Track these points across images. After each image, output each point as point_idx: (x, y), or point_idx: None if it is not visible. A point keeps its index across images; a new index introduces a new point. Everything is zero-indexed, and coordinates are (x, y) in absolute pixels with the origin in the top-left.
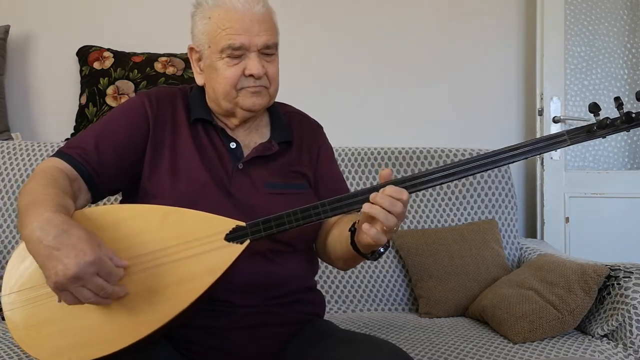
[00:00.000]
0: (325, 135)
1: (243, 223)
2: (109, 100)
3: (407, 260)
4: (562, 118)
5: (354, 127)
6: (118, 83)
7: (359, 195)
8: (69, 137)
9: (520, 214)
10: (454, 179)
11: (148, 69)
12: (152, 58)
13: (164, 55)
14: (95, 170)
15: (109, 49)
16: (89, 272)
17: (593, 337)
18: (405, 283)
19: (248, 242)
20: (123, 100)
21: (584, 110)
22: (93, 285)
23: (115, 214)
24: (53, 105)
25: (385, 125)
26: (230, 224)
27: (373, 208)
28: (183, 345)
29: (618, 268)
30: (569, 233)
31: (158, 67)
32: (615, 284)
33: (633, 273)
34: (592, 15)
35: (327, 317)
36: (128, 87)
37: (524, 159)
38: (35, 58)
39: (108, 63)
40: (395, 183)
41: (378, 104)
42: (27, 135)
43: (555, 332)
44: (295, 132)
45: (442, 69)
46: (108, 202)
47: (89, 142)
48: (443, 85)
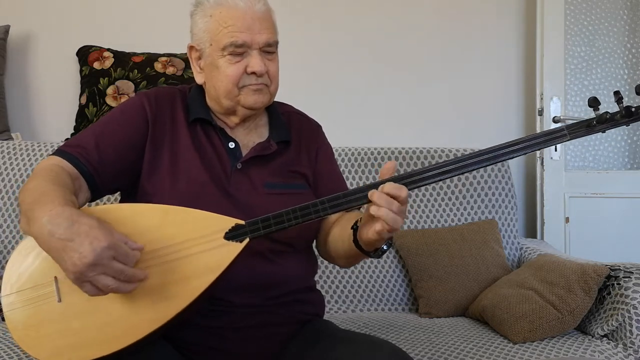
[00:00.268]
0: (325, 135)
1: (242, 221)
2: (109, 100)
3: (407, 260)
4: (562, 118)
5: (354, 127)
6: (118, 83)
7: (358, 193)
8: (69, 137)
9: (520, 214)
10: (456, 174)
11: (148, 69)
12: (152, 58)
13: (164, 55)
14: (96, 170)
15: (109, 49)
16: (106, 256)
17: (593, 337)
18: (405, 283)
19: (247, 240)
20: (123, 100)
21: (584, 110)
22: (112, 270)
23: (115, 213)
24: (53, 105)
25: (385, 125)
26: (230, 223)
27: (380, 210)
28: (183, 345)
29: (618, 268)
30: (569, 233)
31: (158, 67)
32: (615, 284)
33: (633, 273)
34: (592, 15)
35: (327, 317)
36: (128, 87)
37: (524, 154)
38: (35, 58)
39: (108, 63)
40: (395, 180)
41: (378, 104)
42: (27, 135)
43: (555, 332)
44: (294, 131)
45: (442, 69)
46: (108, 201)
47: (89, 141)
48: (443, 85)
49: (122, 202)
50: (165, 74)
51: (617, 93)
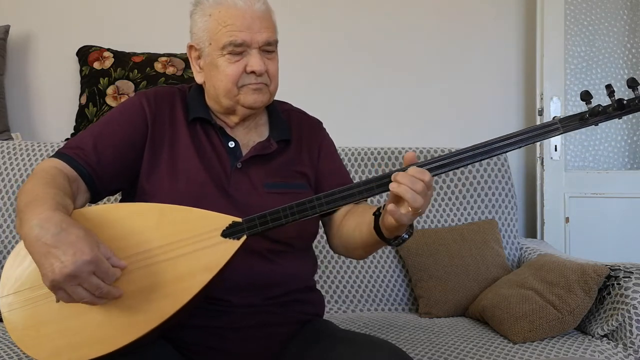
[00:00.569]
0: (326, 131)
1: (239, 219)
2: (109, 100)
3: (407, 260)
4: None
5: (354, 127)
6: (118, 83)
7: (354, 188)
8: (69, 137)
9: (520, 214)
10: (449, 169)
11: (148, 69)
12: (152, 58)
13: (164, 55)
14: (95, 171)
15: (109, 49)
16: (86, 271)
17: (593, 337)
18: (405, 283)
19: (245, 237)
20: (123, 100)
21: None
22: (89, 285)
23: (112, 213)
24: (53, 105)
25: (385, 125)
26: (227, 220)
27: (400, 187)
28: (183, 345)
29: (618, 268)
30: (569, 233)
31: (158, 67)
32: (615, 284)
33: (633, 273)
34: (592, 15)
35: (327, 317)
36: (128, 87)
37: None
38: (35, 58)
39: (108, 63)
40: (419, 165)
41: (378, 104)
42: (27, 135)
43: (555, 332)
44: (295, 130)
45: (442, 69)
46: (108, 201)
47: (88, 142)
48: (443, 85)
49: (122, 202)
50: (165, 74)
51: (609, 86)
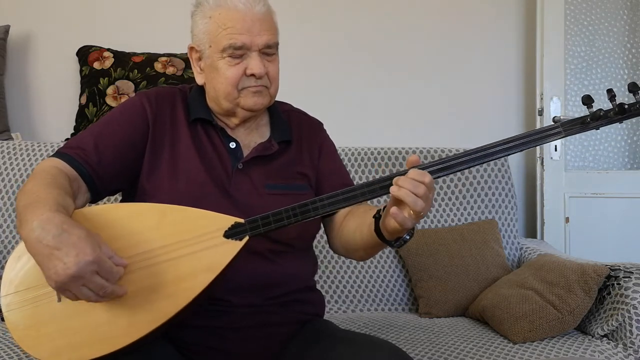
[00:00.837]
0: (326, 132)
1: (242, 220)
2: (109, 100)
3: (407, 260)
4: (562, 118)
5: (354, 127)
6: (118, 83)
7: (356, 190)
8: (69, 137)
9: (520, 214)
10: (449, 173)
11: (148, 69)
12: (152, 58)
13: (164, 55)
14: (95, 171)
15: (109, 49)
16: (89, 271)
17: (593, 337)
18: (405, 283)
19: (247, 238)
20: (123, 100)
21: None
22: (93, 285)
23: (114, 213)
24: (53, 105)
25: (385, 125)
26: (229, 221)
27: (401, 191)
28: (183, 346)
29: (618, 268)
30: (569, 233)
31: (158, 67)
32: (615, 284)
33: (633, 273)
34: (592, 15)
35: (327, 317)
36: (128, 87)
37: (520, 152)
38: (35, 58)
39: (108, 63)
40: (420, 168)
41: (378, 104)
42: (27, 135)
43: (555, 332)
44: (295, 130)
45: (442, 69)
46: (108, 201)
47: (88, 142)
48: (443, 85)
49: (122, 202)
50: (165, 74)
51: (610, 91)
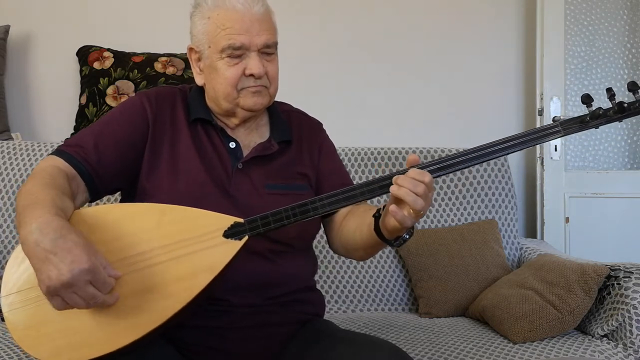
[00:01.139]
0: (326, 132)
1: (241, 219)
2: (109, 100)
3: (407, 260)
4: (562, 118)
5: (354, 127)
6: (118, 83)
7: (356, 190)
8: (69, 137)
9: (520, 214)
10: (449, 172)
11: (148, 69)
12: (152, 58)
13: (164, 55)
14: (95, 170)
15: (109, 49)
16: (83, 280)
17: (593, 337)
18: (405, 283)
19: (246, 238)
20: (123, 100)
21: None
22: (84, 293)
23: (113, 213)
24: (53, 105)
25: (385, 125)
26: (229, 221)
27: (400, 190)
28: (183, 346)
29: (618, 268)
30: (569, 233)
31: (158, 67)
32: (615, 284)
33: (633, 273)
34: (592, 15)
35: (327, 317)
36: (128, 87)
37: (520, 150)
38: (35, 58)
39: (108, 63)
40: (420, 167)
41: (378, 104)
42: (27, 135)
43: (555, 332)
44: (295, 130)
45: (441, 69)
46: (108, 201)
47: (88, 141)
48: (443, 85)
49: (122, 202)
50: (165, 74)
51: (609, 90)
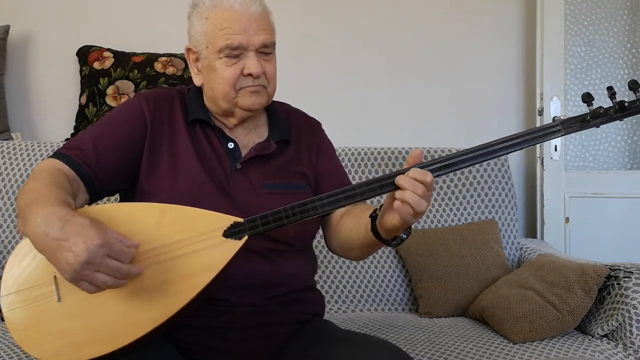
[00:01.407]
0: (325, 132)
1: (241, 219)
2: (109, 100)
3: (407, 260)
4: (562, 118)
5: (354, 127)
6: (118, 83)
7: (356, 189)
8: (69, 137)
9: (520, 214)
10: (450, 171)
11: (148, 69)
12: (152, 58)
13: (164, 55)
14: (94, 171)
15: (109, 49)
16: (100, 254)
17: (593, 337)
18: (405, 283)
19: (246, 238)
20: (123, 100)
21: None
22: (107, 268)
23: (113, 213)
24: (53, 105)
25: (385, 125)
26: (228, 221)
27: (406, 193)
28: (183, 345)
29: (618, 268)
30: (569, 233)
31: (158, 67)
32: (615, 284)
33: (633, 273)
34: (592, 15)
35: (327, 317)
36: (128, 87)
37: (520, 149)
38: (35, 58)
39: (108, 63)
40: (421, 166)
41: (378, 104)
42: (27, 135)
43: (555, 332)
44: (294, 130)
45: (442, 69)
46: (108, 201)
47: (87, 143)
48: (443, 85)
49: (121, 202)
50: (165, 74)
51: (610, 88)
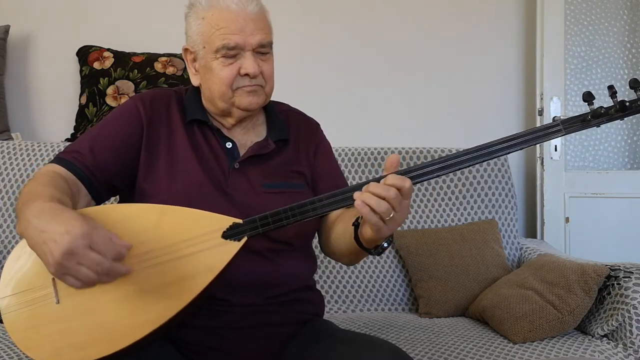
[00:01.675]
0: (323, 133)
1: (240, 220)
2: (109, 100)
3: (407, 260)
4: (562, 118)
5: (354, 127)
6: (118, 83)
7: (357, 189)
8: (69, 137)
9: (520, 214)
10: (456, 169)
11: (148, 69)
12: (152, 58)
13: (164, 55)
14: (92, 172)
15: (109, 49)
16: (81, 245)
17: (593, 337)
18: (405, 283)
19: (245, 239)
20: (123, 100)
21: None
22: (88, 260)
23: (112, 214)
24: (53, 105)
25: (385, 125)
26: (227, 222)
27: (363, 195)
28: (183, 345)
29: (618, 268)
30: (569, 233)
31: (158, 67)
32: (615, 284)
33: (633, 273)
34: (592, 15)
35: (327, 317)
36: (128, 87)
37: (520, 149)
38: (35, 58)
39: (108, 63)
40: (400, 173)
41: (378, 104)
42: (27, 135)
43: (555, 332)
44: (293, 130)
45: (442, 69)
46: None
47: (84, 146)
48: (443, 85)
49: (120, 203)
50: (165, 74)
51: (610, 87)
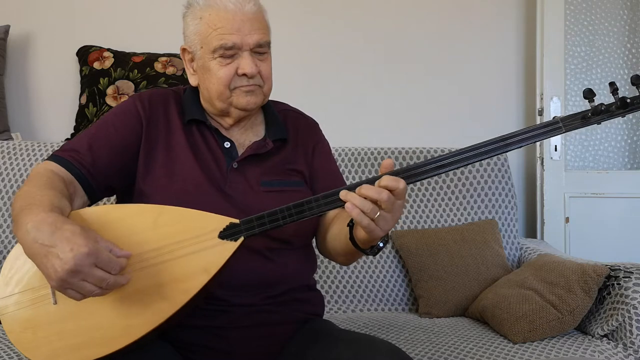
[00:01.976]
0: (322, 132)
1: (237, 220)
2: (109, 100)
3: (407, 260)
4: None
5: (354, 127)
6: (118, 83)
7: (354, 189)
8: (69, 137)
9: (520, 214)
10: (453, 168)
11: (148, 69)
12: (152, 58)
13: (164, 55)
14: (90, 172)
15: (109, 49)
16: (87, 264)
17: (593, 337)
18: (405, 283)
19: (242, 239)
20: (118, 103)
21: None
22: (93, 278)
23: (109, 214)
24: (53, 105)
25: (385, 125)
26: (224, 222)
27: (348, 195)
28: (182, 345)
29: (618, 268)
30: (569, 233)
31: (158, 67)
32: (615, 284)
33: (633, 273)
34: (592, 15)
35: (327, 317)
36: (128, 87)
37: (520, 147)
38: (35, 58)
39: (108, 63)
40: (394, 174)
41: (378, 104)
42: (27, 135)
43: (555, 332)
44: (291, 129)
45: (442, 69)
46: (108, 202)
47: (83, 144)
48: (443, 85)
49: (117, 204)
50: (165, 74)
51: (612, 84)
